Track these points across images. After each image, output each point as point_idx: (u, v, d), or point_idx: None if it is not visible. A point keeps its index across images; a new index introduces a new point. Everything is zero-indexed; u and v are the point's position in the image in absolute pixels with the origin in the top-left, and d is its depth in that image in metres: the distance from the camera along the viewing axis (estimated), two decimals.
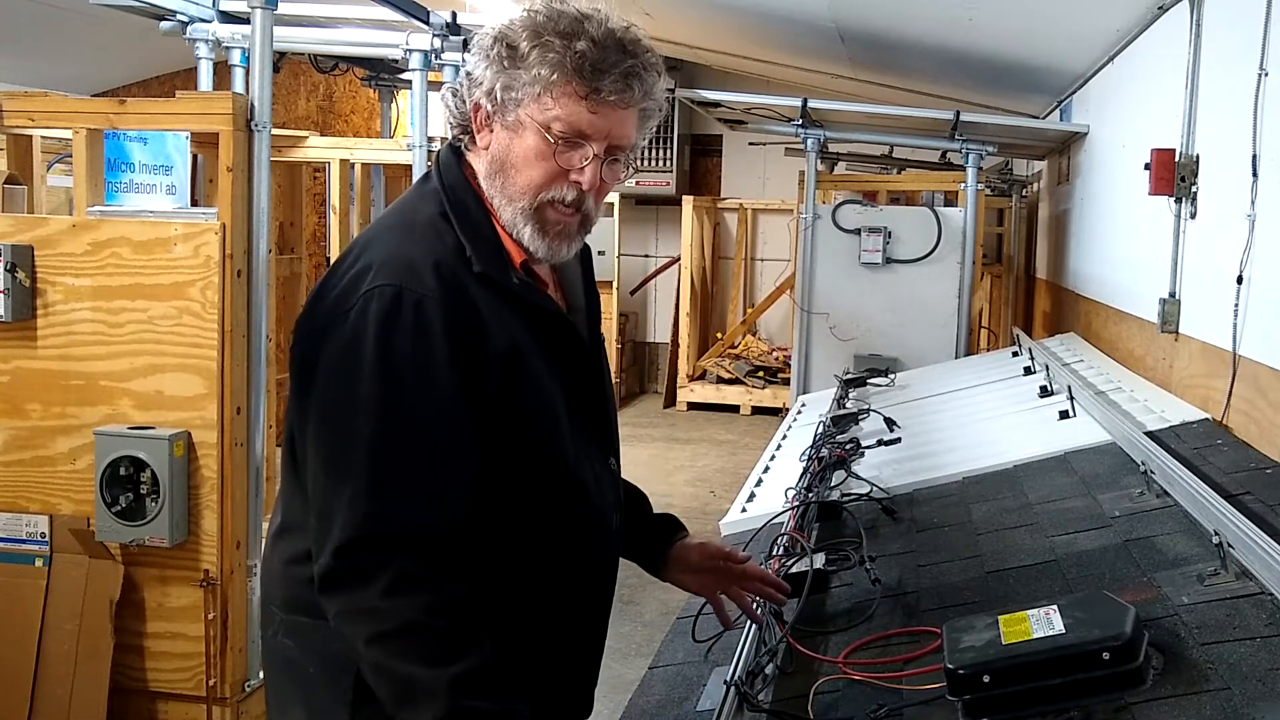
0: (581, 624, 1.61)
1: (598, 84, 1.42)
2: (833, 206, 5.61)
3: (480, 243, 1.46)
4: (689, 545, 1.81)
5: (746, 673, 1.77)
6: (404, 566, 1.35)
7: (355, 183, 5.13)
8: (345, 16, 4.78)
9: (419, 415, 1.38)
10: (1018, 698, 1.46)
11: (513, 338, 1.43)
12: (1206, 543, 1.84)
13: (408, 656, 1.34)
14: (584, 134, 1.45)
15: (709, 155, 10.66)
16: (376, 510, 1.36)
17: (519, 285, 1.47)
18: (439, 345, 1.37)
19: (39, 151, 4.22)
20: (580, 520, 1.54)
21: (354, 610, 1.36)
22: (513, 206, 1.48)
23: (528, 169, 1.46)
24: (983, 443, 3.02)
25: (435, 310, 1.38)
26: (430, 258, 1.41)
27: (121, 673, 3.14)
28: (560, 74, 1.41)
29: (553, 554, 1.52)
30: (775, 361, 9.62)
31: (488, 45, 1.47)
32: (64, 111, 3.37)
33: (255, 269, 3.14)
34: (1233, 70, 2.77)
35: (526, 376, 1.45)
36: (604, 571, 1.63)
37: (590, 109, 1.43)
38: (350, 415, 1.38)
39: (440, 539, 1.38)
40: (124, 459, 3.03)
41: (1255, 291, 2.55)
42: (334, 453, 1.39)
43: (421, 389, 1.37)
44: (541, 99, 1.43)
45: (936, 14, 4.72)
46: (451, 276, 1.41)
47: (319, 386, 1.41)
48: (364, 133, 9.11)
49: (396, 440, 1.37)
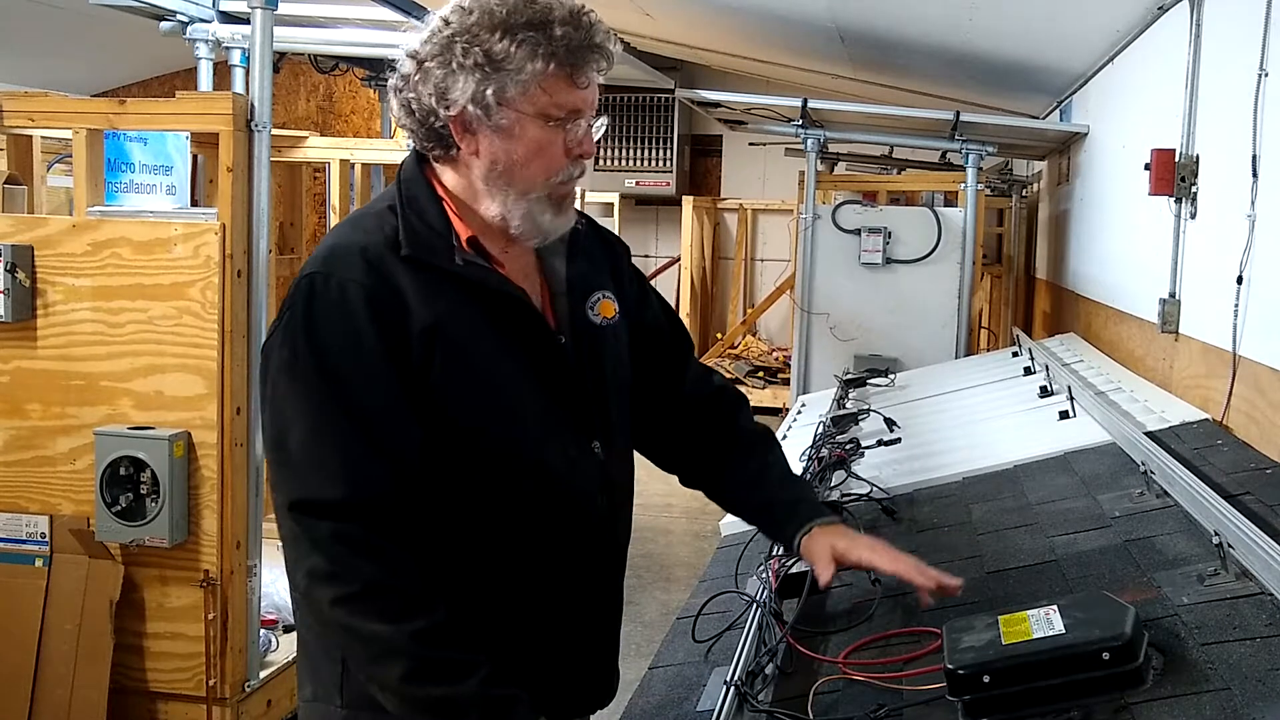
0: (569, 603, 1.60)
1: (582, 64, 1.48)
2: (833, 207, 5.61)
3: (417, 229, 1.50)
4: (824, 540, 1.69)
5: (746, 673, 1.77)
6: (349, 531, 1.40)
7: (355, 183, 5.13)
8: (345, 16, 4.78)
9: (348, 386, 1.43)
10: (1018, 698, 1.46)
11: (438, 315, 1.47)
12: (1206, 543, 1.84)
13: (369, 615, 1.39)
14: (577, 110, 1.50)
15: (709, 155, 10.66)
16: (317, 479, 1.42)
17: (462, 266, 1.50)
18: (362, 322, 1.44)
19: (39, 151, 4.22)
20: (546, 501, 1.55)
21: (315, 575, 1.41)
22: (527, 199, 1.52)
23: (536, 160, 1.50)
24: (983, 443, 3.02)
25: (356, 290, 1.44)
26: (358, 244, 1.48)
27: (121, 673, 3.14)
28: (553, 64, 1.46)
29: (511, 532, 1.54)
30: (775, 362, 9.62)
31: (450, 55, 1.46)
32: (64, 111, 3.36)
33: (255, 269, 3.14)
34: (1233, 70, 2.77)
35: (454, 353, 1.47)
36: (589, 552, 1.62)
37: (579, 87, 1.49)
38: (286, 392, 1.45)
39: (381, 504, 1.43)
40: (124, 459, 3.03)
41: (1255, 292, 2.55)
42: (275, 430, 1.46)
43: (348, 362, 1.44)
44: (532, 91, 1.47)
45: (936, 14, 4.72)
46: (377, 260, 1.47)
47: (269, 377, 1.48)
48: (364, 133, 9.11)
49: (330, 412, 1.43)
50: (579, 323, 1.62)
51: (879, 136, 6.08)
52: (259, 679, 3.23)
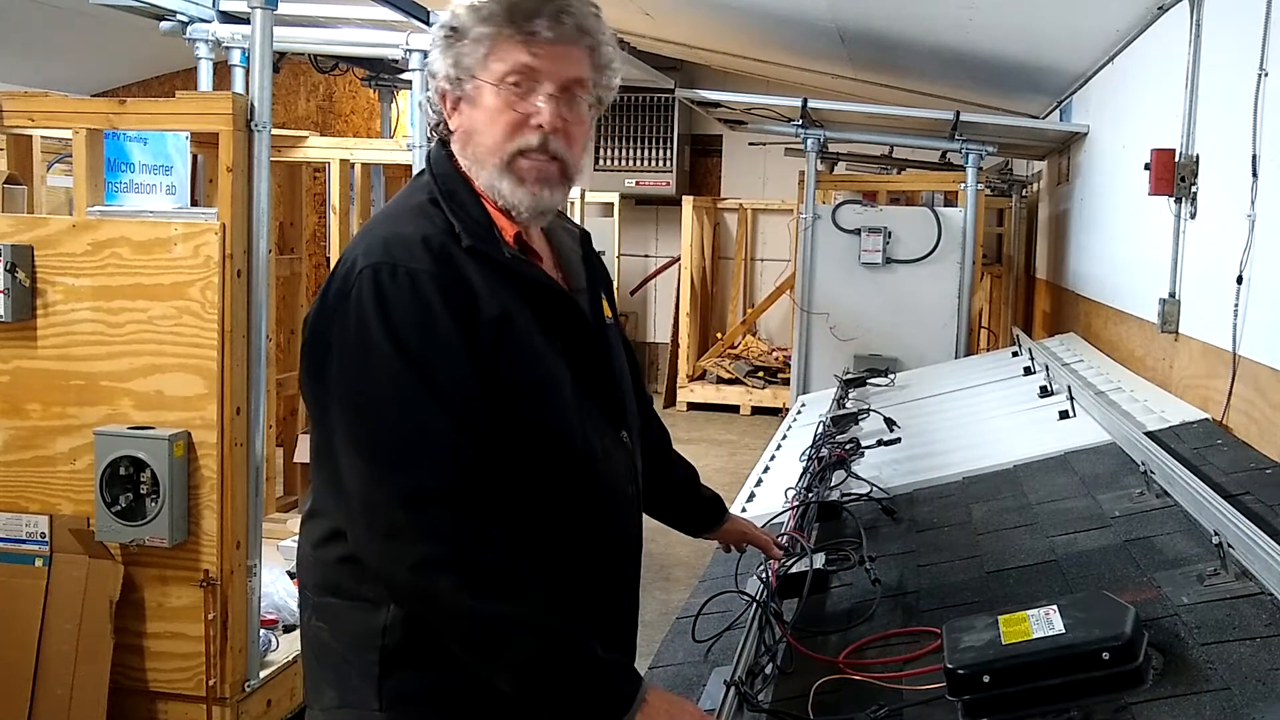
0: (607, 589, 1.64)
1: (531, 26, 1.48)
2: (833, 206, 5.61)
3: (469, 221, 1.52)
4: (731, 531, 2.06)
5: (746, 673, 1.77)
6: (463, 518, 1.40)
7: (355, 183, 5.12)
8: (345, 16, 4.78)
9: (434, 371, 1.42)
10: (1018, 698, 1.46)
11: (504, 306, 1.48)
12: (1206, 543, 1.84)
13: (496, 597, 1.38)
14: (533, 76, 1.50)
15: (709, 155, 10.66)
16: (425, 467, 1.40)
17: (510, 259, 1.52)
18: (437, 310, 1.43)
19: (39, 151, 4.22)
20: (591, 490, 1.57)
21: (434, 565, 1.38)
22: (487, 167, 1.53)
23: (491, 126, 1.52)
24: (983, 443, 3.02)
25: (427, 281, 1.44)
26: (419, 235, 1.48)
27: (121, 673, 3.14)
28: (495, 26, 1.48)
29: (566, 521, 1.55)
30: (775, 361, 9.62)
31: (436, 38, 1.55)
32: (64, 111, 3.37)
33: (255, 269, 3.14)
34: (1233, 70, 2.77)
35: (518, 343, 1.48)
36: (625, 539, 1.66)
37: (531, 51, 1.49)
38: (365, 387, 1.43)
39: (480, 489, 1.42)
40: (124, 459, 3.03)
41: (1255, 291, 2.55)
42: (355, 426, 1.43)
43: (426, 351, 1.42)
44: (487, 60, 1.50)
45: (936, 14, 4.72)
46: (440, 249, 1.47)
47: (334, 368, 1.46)
48: (364, 133, 9.10)
49: (420, 398, 1.41)
50: (598, 318, 1.66)
51: (879, 136, 6.08)
52: (259, 679, 3.22)
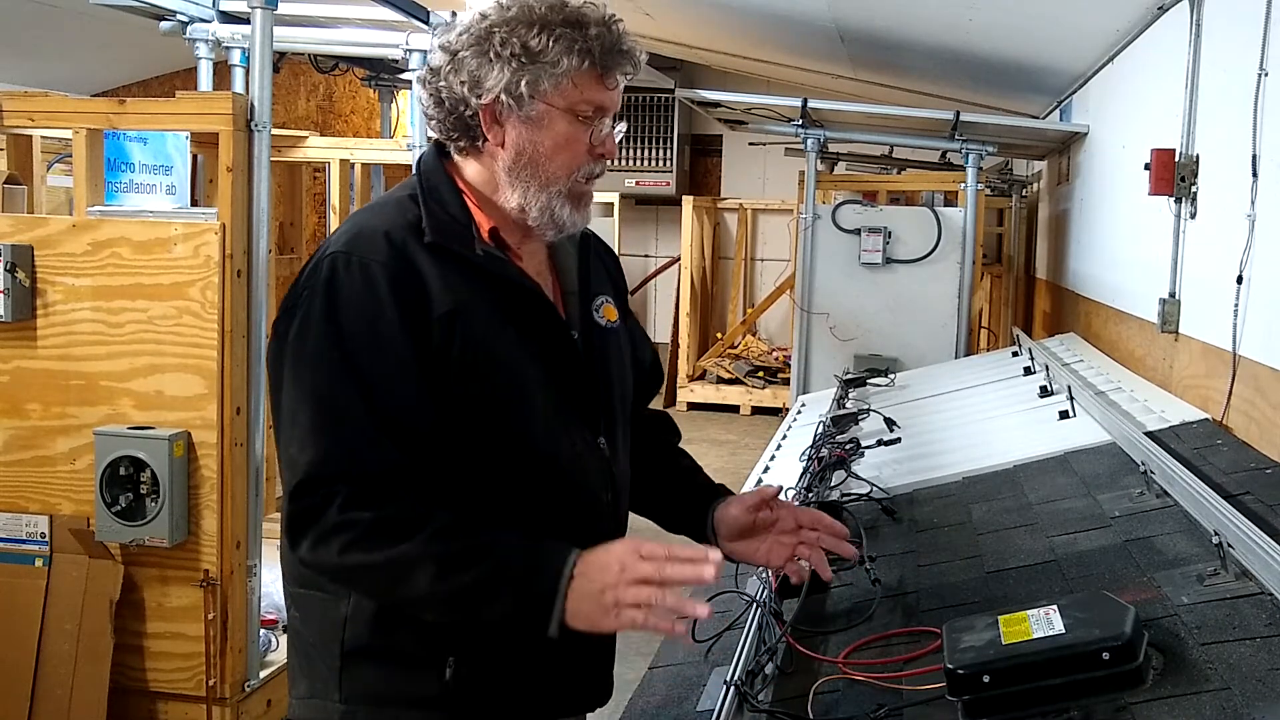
0: None
1: (613, 65, 1.54)
2: (833, 206, 5.61)
3: (442, 217, 1.54)
4: (728, 505, 1.76)
5: (746, 673, 1.77)
6: (352, 496, 1.42)
7: (355, 183, 5.12)
8: (345, 16, 4.78)
9: (361, 362, 1.45)
10: (1018, 698, 1.46)
11: (458, 301, 1.49)
12: (1206, 543, 1.84)
13: (383, 544, 1.40)
14: (604, 110, 1.56)
15: (709, 155, 10.66)
16: (325, 451, 1.43)
17: (483, 257, 1.54)
18: (384, 300, 1.46)
19: (39, 151, 4.22)
20: (552, 491, 1.57)
21: (321, 537, 1.41)
22: (548, 191, 1.56)
23: (561, 153, 1.55)
24: (983, 443, 3.02)
25: (379, 271, 1.47)
26: (382, 228, 1.51)
27: (121, 673, 3.14)
28: (587, 61, 1.52)
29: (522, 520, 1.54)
30: (775, 361, 9.62)
31: (488, 45, 1.52)
32: (64, 111, 3.37)
33: (255, 269, 3.14)
34: (1233, 70, 2.77)
35: (473, 338, 1.50)
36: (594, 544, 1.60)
37: (608, 87, 1.56)
38: (301, 369, 1.47)
39: (386, 478, 1.44)
40: (124, 459, 3.03)
41: (1255, 291, 2.55)
42: (289, 405, 1.47)
43: (364, 337, 1.46)
44: (563, 86, 1.52)
45: (936, 14, 4.72)
46: (400, 243, 1.50)
47: (286, 353, 1.49)
48: (364, 133, 9.10)
49: (340, 385, 1.44)
50: (587, 321, 1.66)
51: (879, 136, 6.08)
52: (259, 679, 3.23)
